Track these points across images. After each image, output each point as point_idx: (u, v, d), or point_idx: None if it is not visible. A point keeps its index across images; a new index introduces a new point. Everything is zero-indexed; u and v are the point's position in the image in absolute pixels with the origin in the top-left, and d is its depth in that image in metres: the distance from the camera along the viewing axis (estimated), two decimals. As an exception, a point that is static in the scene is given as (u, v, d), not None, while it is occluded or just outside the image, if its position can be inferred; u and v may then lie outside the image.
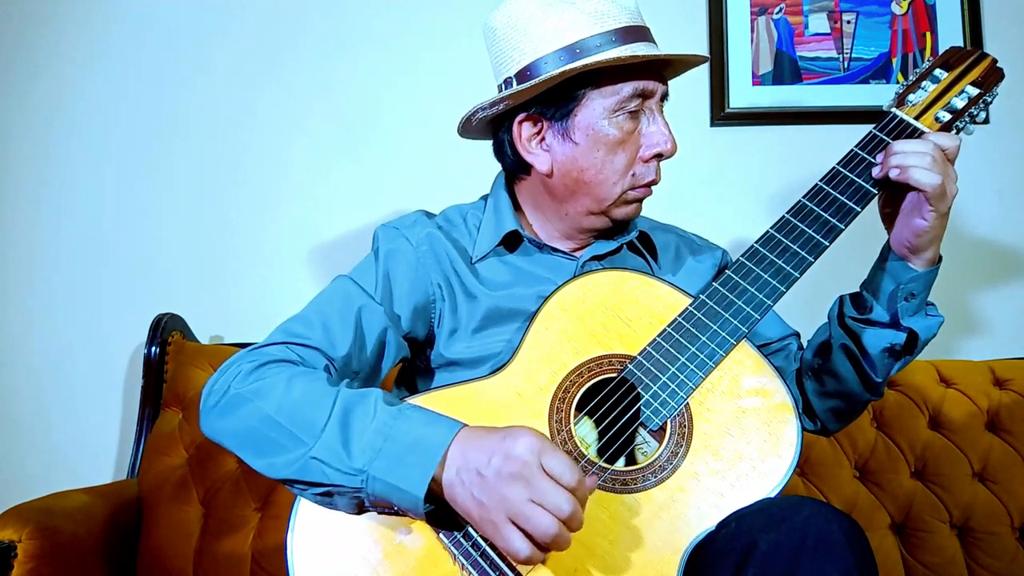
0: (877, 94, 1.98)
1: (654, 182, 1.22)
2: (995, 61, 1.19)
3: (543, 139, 1.21)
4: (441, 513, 0.95)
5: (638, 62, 1.14)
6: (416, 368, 1.30)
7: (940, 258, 1.17)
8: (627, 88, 1.15)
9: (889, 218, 1.17)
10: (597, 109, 1.16)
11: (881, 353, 1.19)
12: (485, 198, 1.35)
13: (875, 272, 1.20)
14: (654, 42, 1.20)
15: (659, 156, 1.20)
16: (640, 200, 1.24)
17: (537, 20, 1.16)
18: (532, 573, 0.94)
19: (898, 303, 1.16)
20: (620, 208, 1.23)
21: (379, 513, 0.98)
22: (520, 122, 1.21)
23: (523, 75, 1.17)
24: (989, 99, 1.17)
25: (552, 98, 1.17)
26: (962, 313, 1.97)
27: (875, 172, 1.11)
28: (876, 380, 1.21)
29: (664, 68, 1.21)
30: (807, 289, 1.48)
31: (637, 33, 1.16)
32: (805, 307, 1.44)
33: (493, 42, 1.23)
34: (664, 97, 1.22)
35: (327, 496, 0.97)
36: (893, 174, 1.09)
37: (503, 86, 1.22)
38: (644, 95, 1.17)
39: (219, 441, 1.04)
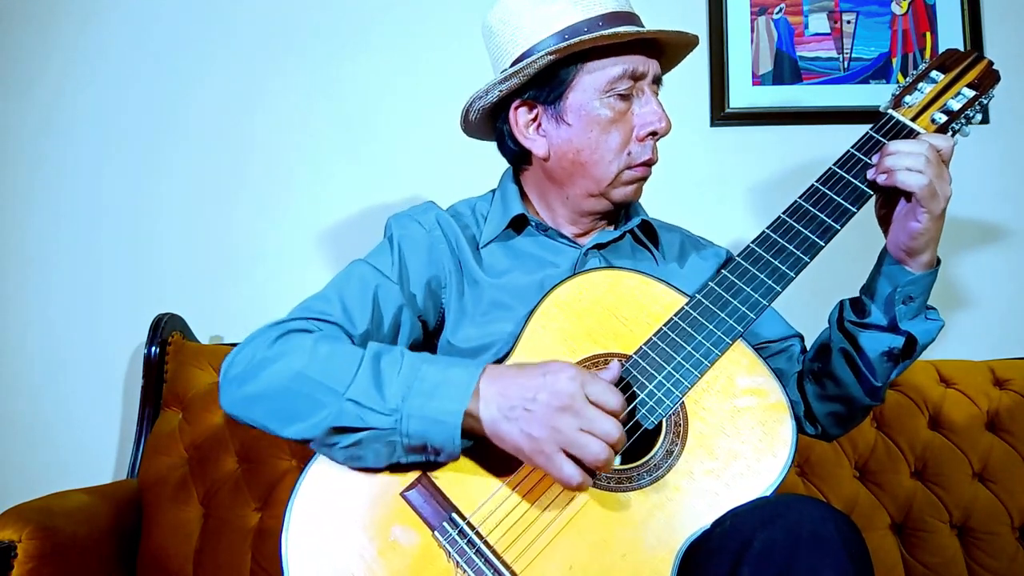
0: (877, 94, 1.97)
1: (651, 161, 1.24)
2: (991, 63, 1.20)
3: (539, 124, 1.25)
4: (475, 450, 0.99)
5: (625, 42, 1.17)
6: None
7: (938, 261, 1.17)
8: (616, 69, 1.18)
9: (885, 221, 1.17)
10: (588, 90, 1.19)
11: (880, 357, 1.19)
12: (493, 192, 1.39)
13: (873, 276, 1.20)
14: (643, 27, 1.22)
15: (654, 135, 1.22)
16: (638, 181, 1.26)
17: (528, 13, 1.20)
18: (527, 569, 0.94)
19: (896, 307, 1.16)
20: (618, 189, 1.25)
21: (411, 464, 1.00)
22: (516, 108, 1.25)
23: (516, 65, 1.21)
24: (985, 101, 1.18)
25: (544, 81, 1.21)
26: (962, 313, 1.97)
27: (869, 174, 1.11)
28: (876, 384, 1.21)
29: (659, 55, 1.24)
30: (808, 290, 1.48)
31: (624, 18, 1.19)
32: (806, 308, 1.44)
33: (490, 39, 1.27)
34: (657, 80, 1.24)
35: (358, 446, 0.98)
36: (881, 179, 1.10)
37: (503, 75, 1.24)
38: (634, 76, 1.20)
39: (243, 410, 1.05)
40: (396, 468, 1.01)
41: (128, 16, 2.07)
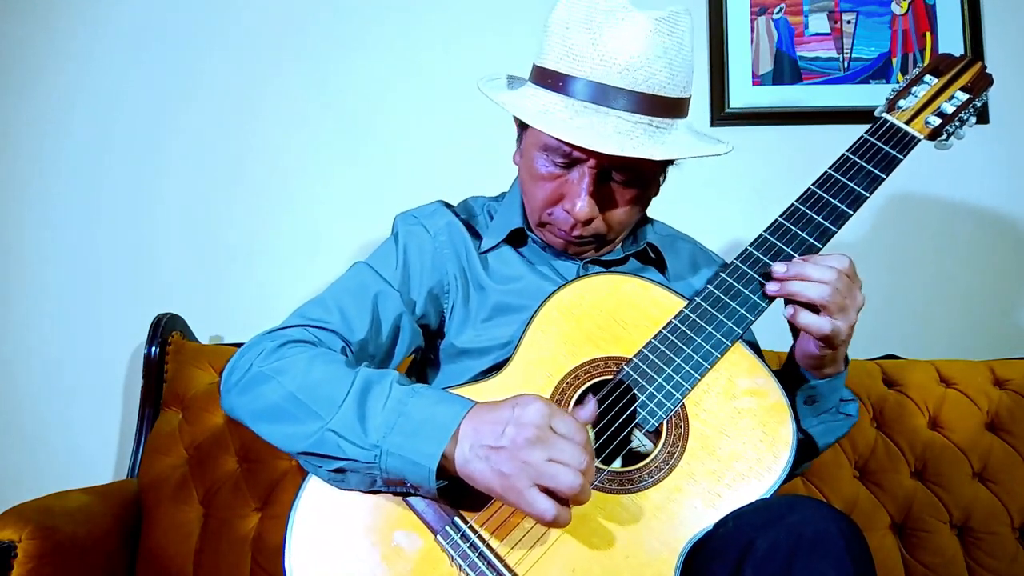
0: (877, 94, 1.97)
1: (570, 235, 1.19)
2: (984, 67, 1.22)
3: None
4: (452, 490, 0.96)
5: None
6: (427, 359, 1.32)
7: (847, 362, 1.15)
8: (551, 142, 1.11)
9: (791, 324, 1.10)
10: (532, 141, 1.16)
11: None
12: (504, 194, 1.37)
13: (783, 370, 1.19)
14: (644, 111, 1.08)
15: (571, 212, 1.15)
16: (567, 242, 1.22)
17: (546, 28, 1.14)
18: (530, 572, 0.94)
19: (798, 406, 1.15)
20: (548, 236, 1.24)
21: (392, 494, 0.99)
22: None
23: (531, 72, 1.18)
24: (978, 103, 1.19)
25: None
26: (962, 313, 1.97)
27: (770, 288, 1.07)
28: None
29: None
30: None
31: (597, 93, 1.07)
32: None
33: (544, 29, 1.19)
34: (621, 170, 1.13)
35: (340, 472, 0.98)
36: (787, 313, 1.06)
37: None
38: (570, 157, 1.12)
39: (238, 416, 1.07)
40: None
41: (128, 15, 2.07)
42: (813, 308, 1.04)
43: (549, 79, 1.11)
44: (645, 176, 1.16)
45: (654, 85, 1.08)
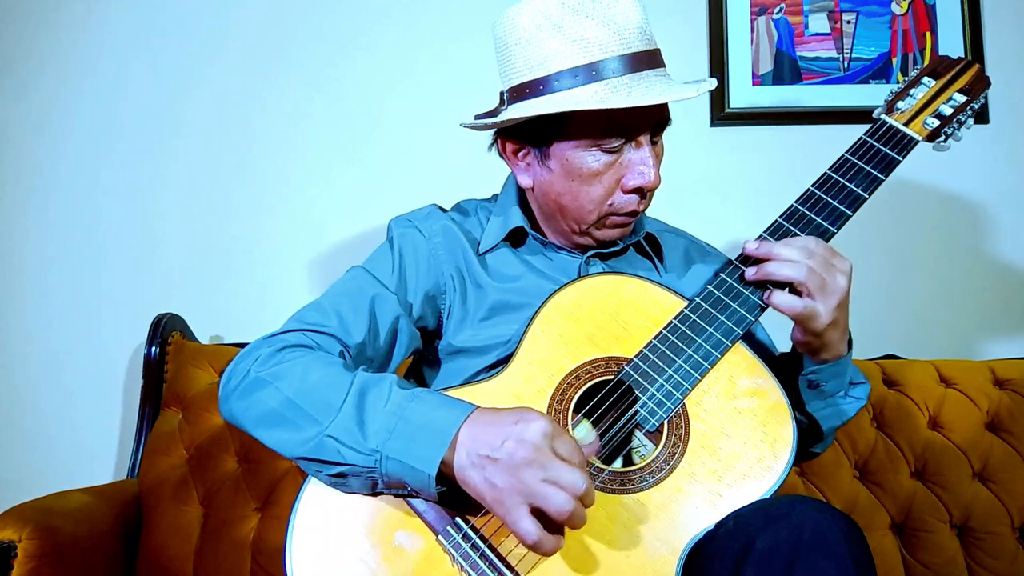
0: (877, 94, 1.97)
1: (635, 212, 1.19)
2: (982, 69, 1.22)
3: (527, 155, 1.22)
4: (453, 495, 0.96)
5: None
6: (425, 359, 1.32)
7: (850, 345, 1.15)
8: (607, 126, 1.11)
9: None
10: (573, 141, 1.14)
11: None
12: (497, 196, 1.37)
13: (787, 355, 1.19)
14: (659, 64, 1.14)
15: (639, 190, 1.16)
16: (621, 226, 1.22)
17: (524, 43, 1.13)
18: (532, 572, 0.94)
19: (801, 390, 1.16)
20: (602, 231, 1.22)
21: (394, 496, 0.99)
22: (501, 140, 1.23)
23: (511, 94, 1.17)
24: (976, 105, 1.20)
25: (529, 124, 1.16)
26: (962, 313, 1.97)
27: (747, 274, 1.08)
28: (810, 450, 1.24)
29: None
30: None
31: (629, 63, 1.10)
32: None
33: (496, 49, 1.21)
34: (661, 126, 1.17)
35: (341, 477, 0.98)
36: (764, 296, 1.07)
37: (502, 95, 1.22)
38: (627, 134, 1.13)
39: (237, 422, 1.06)
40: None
41: (128, 15, 2.07)
42: (795, 291, 1.05)
43: (576, 76, 1.09)
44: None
45: (652, 40, 1.14)
